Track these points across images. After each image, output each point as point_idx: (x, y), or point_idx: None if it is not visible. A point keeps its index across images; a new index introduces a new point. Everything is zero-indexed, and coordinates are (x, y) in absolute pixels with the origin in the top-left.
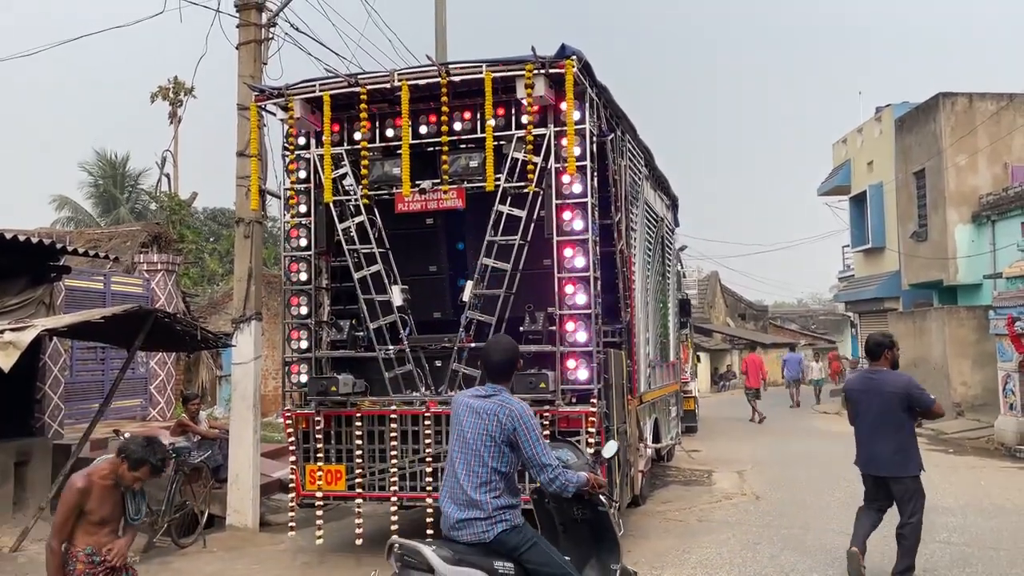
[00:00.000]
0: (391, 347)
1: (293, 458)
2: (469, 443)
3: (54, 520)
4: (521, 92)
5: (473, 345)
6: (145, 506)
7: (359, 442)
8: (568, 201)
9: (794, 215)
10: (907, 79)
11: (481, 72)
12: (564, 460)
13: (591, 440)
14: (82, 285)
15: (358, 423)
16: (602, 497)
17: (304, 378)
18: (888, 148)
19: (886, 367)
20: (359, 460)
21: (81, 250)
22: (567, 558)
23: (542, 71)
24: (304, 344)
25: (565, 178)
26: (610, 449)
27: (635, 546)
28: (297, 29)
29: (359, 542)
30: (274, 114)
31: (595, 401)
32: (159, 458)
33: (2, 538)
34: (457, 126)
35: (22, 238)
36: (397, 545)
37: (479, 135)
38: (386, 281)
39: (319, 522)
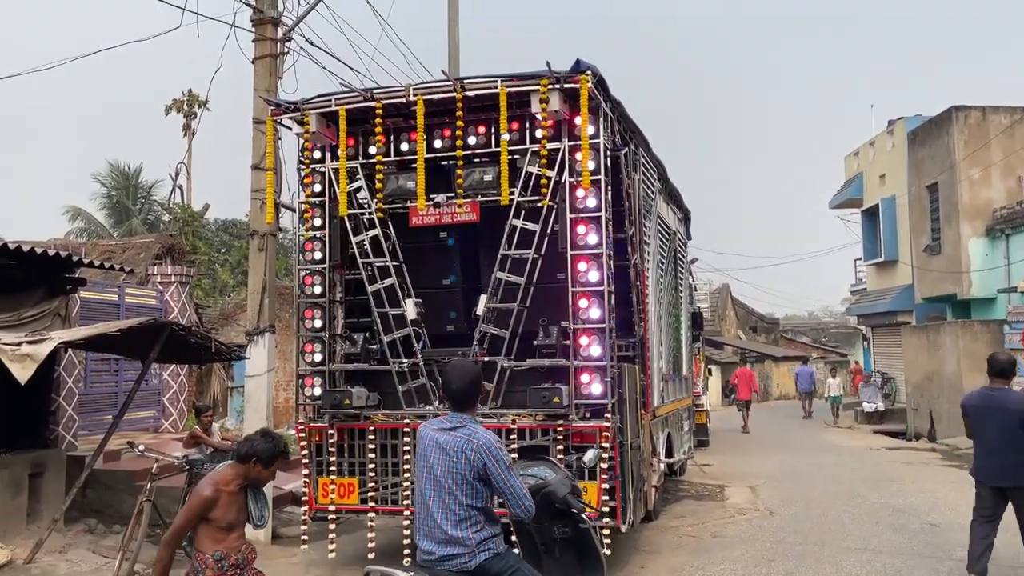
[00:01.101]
0: (405, 360)
1: (306, 471)
2: (439, 481)
3: (174, 523)
4: (536, 107)
5: (487, 359)
6: (268, 509)
7: (372, 455)
8: (582, 215)
9: (805, 228)
10: (919, 89)
11: (496, 87)
12: (543, 477)
13: (605, 455)
14: (97, 297)
15: (371, 436)
16: (584, 514)
17: (318, 391)
18: (901, 161)
19: (1007, 386)
20: (372, 474)
21: (96, 262)
22: None
23: (557, 86)
24: (318, 357)
25: (579, 192)
26: (591, 458)
27: (649, 562)
28: (312, 43)
29: (372, 556)
30: (290, 128)
31: (609, 416)
32: (283, 443)
33: (16, 550)
34: (472, 140)
35: (39, 250)
36: (375, 574)
37: (494, 149)
38: (400, 294)
39: (332, 535)
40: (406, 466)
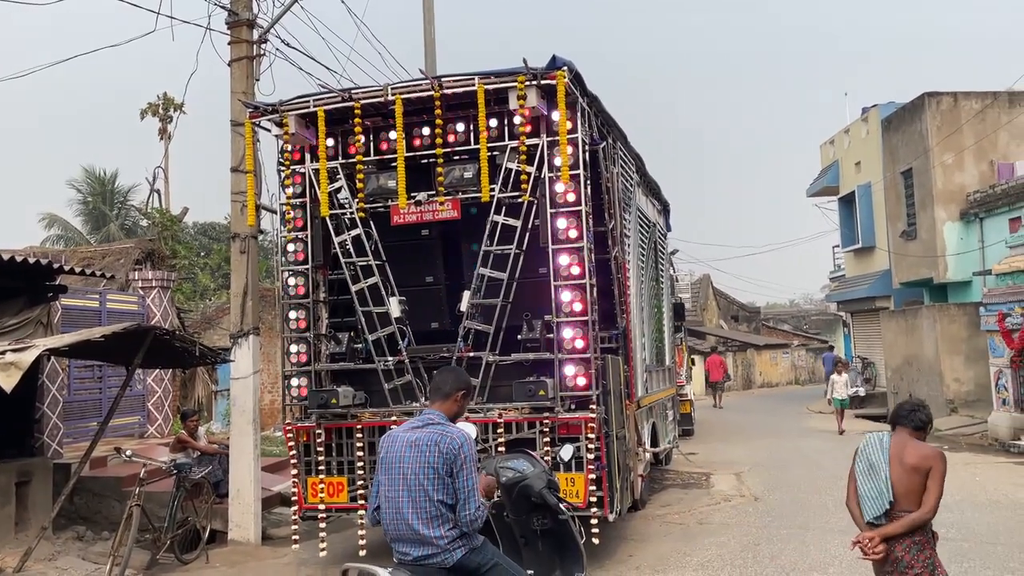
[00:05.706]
0: (390, 358)
1: (295, 471)
2: (410, 480)
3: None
4: (513, 103)
5: (472, 355)
6: None
7: (360, 454)
8: (562, 209)
9: (785, 217)
10: (893, 77)
11: (474, 84)
12: (521, 470)
13: (591, 446)
14: (78, 304)
15: (359, 435)
16: (562, 505)
17: (304, 391)
18: (875, 148)
19: None
20: (361, 472)
21: (77, 269)
22: (531, 572)
23: (534, 82)
24: (303, 357)
25: (559, 187)
26: (567, 452)
27: (637, 550)
28: (288, 44)
29: (362, 554)
30: (268, 130)
31: (594, 407)
32: (927, 413)
33: (5, 559)
34: (451, 138)
35: (18, 258)
36: (353, 571)
37: (473, 146)
38: (383, 293)
39: (322, 535)
40: None
